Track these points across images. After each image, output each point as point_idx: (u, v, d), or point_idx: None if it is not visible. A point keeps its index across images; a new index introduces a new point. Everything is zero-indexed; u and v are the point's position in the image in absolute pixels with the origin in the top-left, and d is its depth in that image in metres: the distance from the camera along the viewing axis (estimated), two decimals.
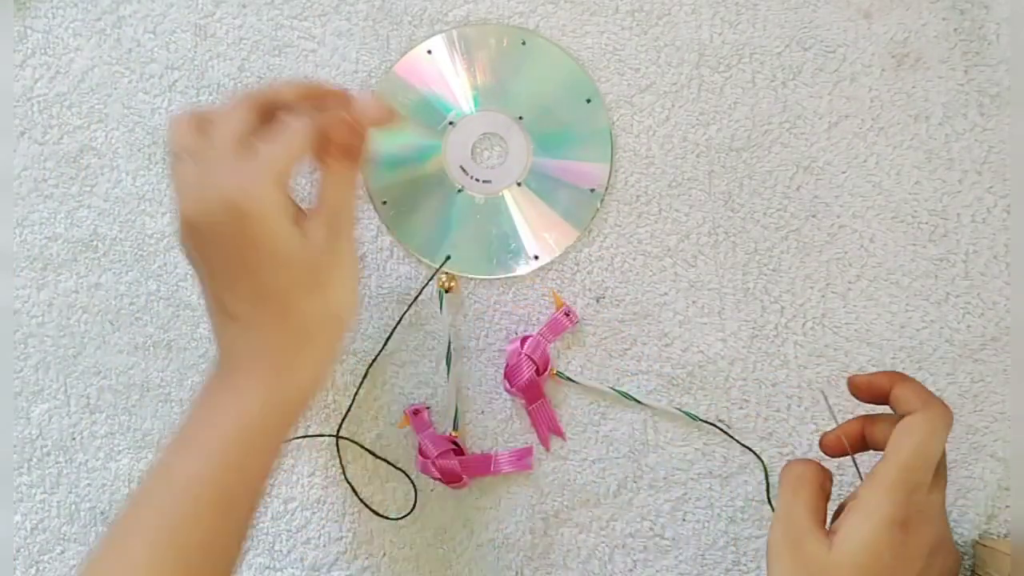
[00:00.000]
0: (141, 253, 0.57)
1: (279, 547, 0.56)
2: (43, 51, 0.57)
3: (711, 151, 0.56)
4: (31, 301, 0.57)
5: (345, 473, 0.56)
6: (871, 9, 0.56)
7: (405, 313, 0.56)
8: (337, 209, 0.44)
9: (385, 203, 0.56)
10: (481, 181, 0.56)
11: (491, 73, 0.56)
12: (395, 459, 0.56)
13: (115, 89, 0.57)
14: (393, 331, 0.56)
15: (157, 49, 0.57)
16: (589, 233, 0.56)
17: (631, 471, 0.56)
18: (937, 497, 0.43)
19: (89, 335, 0.57)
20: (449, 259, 0.56)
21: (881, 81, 0.56)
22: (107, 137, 0.57)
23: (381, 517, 0.56)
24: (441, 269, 0.56)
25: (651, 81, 0.56)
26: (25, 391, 0.57)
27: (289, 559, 0.56)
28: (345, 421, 0.56)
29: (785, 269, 0.56)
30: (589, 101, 0.56)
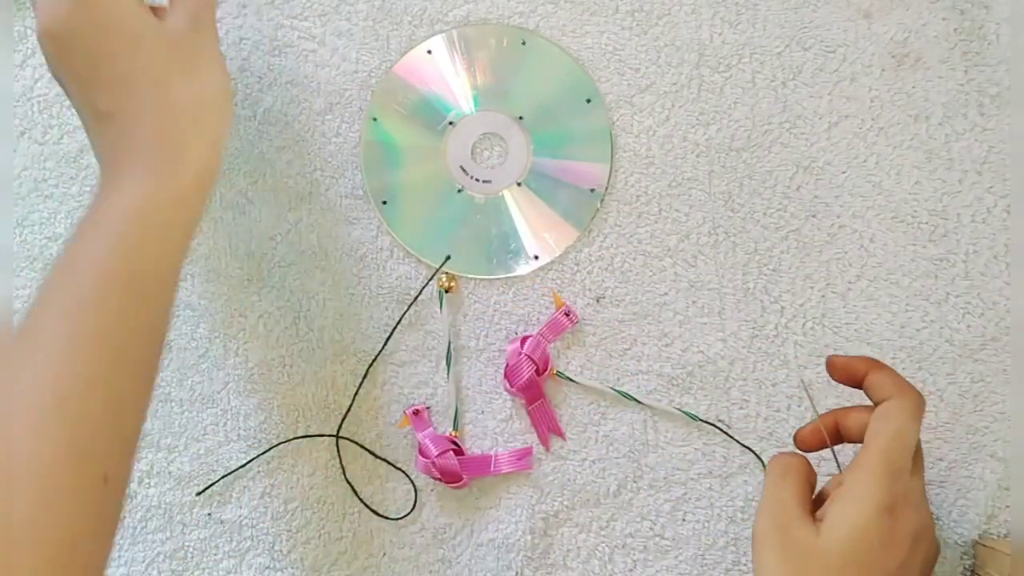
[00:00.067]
0: None
1: (279, 547, 0.56)
2: None
3: (711, 151, 0.56)
4: (31, 301, 0.57)
5: (345, 473, 0.56)
6: (871, 9, 0.56)
7: (405, 313, 0.56)
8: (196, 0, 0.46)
9: (385, 203, 0.56)
10: (481, 181, 0.56)
11: (491, 73, 0.56)
12: (395, 459, 0.56)
13: None
14: (393, 331, 0.56)
15: None
16: (589, 233, 0.56)
17: (631, 471, 0.56)
18: (918, 482, 0.43)
19: None
20: (449, 259, 0.56)
21: (881, 81, 0.56)
22: None
23: (381, 517, 0.56)
24: (441, 269, 0.56)
25: (651, 81, 0.56)
26: None
27: (289, 559, 0.56)
28: (345, 421, 0.56)
29: (785, 269, 0.56)
30: (589, 101, 0.56)
